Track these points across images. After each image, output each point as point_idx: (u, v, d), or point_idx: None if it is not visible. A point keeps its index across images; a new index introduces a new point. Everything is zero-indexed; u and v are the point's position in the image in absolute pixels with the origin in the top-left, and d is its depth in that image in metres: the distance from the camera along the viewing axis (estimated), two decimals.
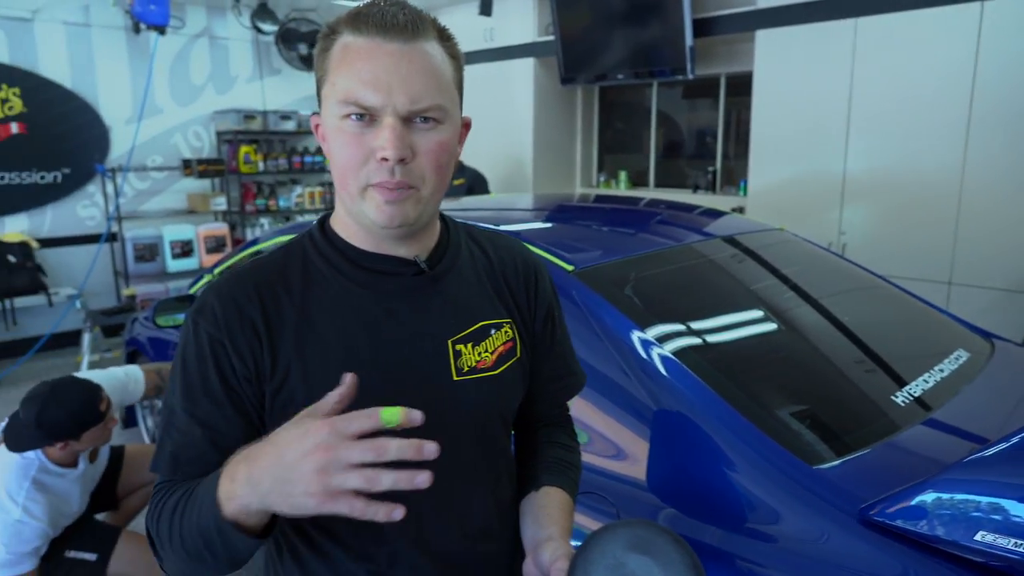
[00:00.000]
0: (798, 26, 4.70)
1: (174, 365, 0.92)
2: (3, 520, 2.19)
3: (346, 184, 0.89)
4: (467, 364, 0.98)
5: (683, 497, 1.49)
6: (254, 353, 0.90)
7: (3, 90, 5.58)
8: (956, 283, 4.27)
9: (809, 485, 1.38)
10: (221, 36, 6.76)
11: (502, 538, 1.06)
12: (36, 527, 2.22)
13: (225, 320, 0.89)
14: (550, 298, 1.13)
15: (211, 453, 0.88)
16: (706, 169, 6.20)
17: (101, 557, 2.48)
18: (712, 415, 1.51)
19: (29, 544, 2.22)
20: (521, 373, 1.07)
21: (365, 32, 0.86)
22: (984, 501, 1.15)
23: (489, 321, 1.02)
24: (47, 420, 2.20)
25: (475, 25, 6.61)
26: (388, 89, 0.85)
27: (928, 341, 2.14)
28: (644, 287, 1.89)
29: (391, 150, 0.84)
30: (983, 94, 4.04)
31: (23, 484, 2.22)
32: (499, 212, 2.60)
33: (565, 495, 1.06)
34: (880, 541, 1.25)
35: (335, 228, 0.99)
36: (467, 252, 1.06)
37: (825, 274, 2.36)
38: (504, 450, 1.08)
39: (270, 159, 6.77)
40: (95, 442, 2.35)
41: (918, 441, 1.56)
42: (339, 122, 0.87)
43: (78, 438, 2.27)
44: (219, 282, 0.93)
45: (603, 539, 0.81)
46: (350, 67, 0.86)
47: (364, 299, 0.95)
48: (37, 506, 2.23)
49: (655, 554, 0.79)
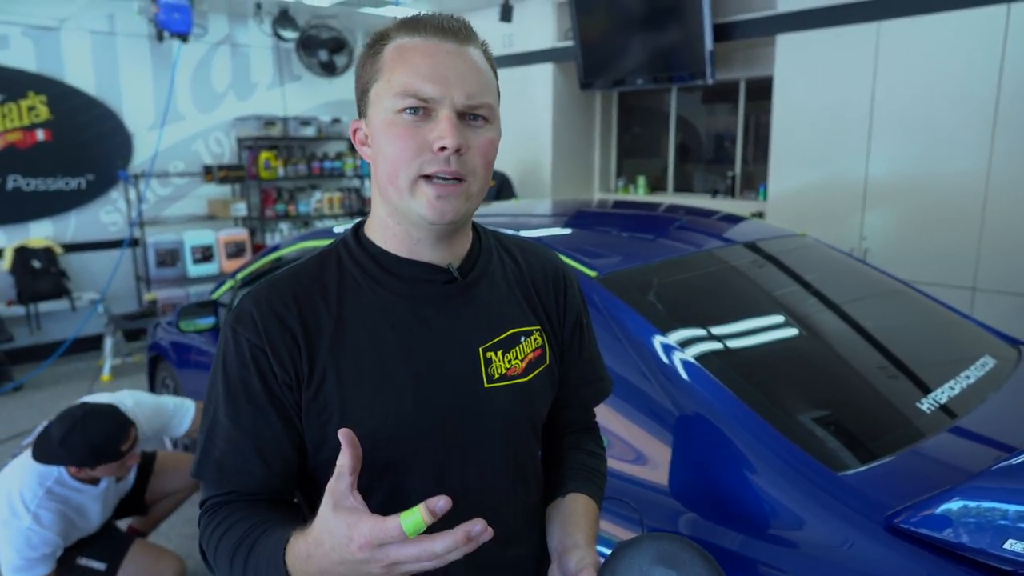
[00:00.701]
0: (819, 30, 4.68)
1: (213, 373, 0.94)
2: (15, 526, 2.24)
3: (395, 178, 0.90)
4: (497, 372, 0.99)
5: (705, 502, 1.49)
6: (294, 360, 0.91)
7: (30, 98, 5.67)
8: (980, 288, 4.22)
9: (833, 491, 1.37)
10: (242, 43, 6.83)
11: (530, 542, 1.07)
12: (44, 535, 2.25)
13: (265, 328, 0.91)
14: (579, 305, 1.14)
15: (256, 462, 0.90)
16: (725, 174, 6.18)
17: (110, 567, 2.51)
18: (734, 420, 1.50)
19: (37, 551, 2.25)
20: (550, 380, 1.08)
21: (423, 33, 0.90)
22: (1012, 509, 1.14)
23: (519, 329, 1.03)
24: (68, 443, 2.26)
25: (495, 31, 6.64)
26: (447, 83, 0.88)
27: (953, 347, 2.12)
28: (667, 293, 1.89)
29: (450, 139, 0.87)
30: (1009, 96, 3.99)
31: (37, 492, 2.27)
32: (522, 218, 2.60)
33: (591, 502, 1.07)
34: (906, 549, 1.24)
35: (369, 235, 1.00)
36: (497, 259, 1.07)
37: (848, 279, 2.34)
38: (533, 456, 1.09)
39: (290, 165, 6.83)
40: (110, 474, 2.39)
41: (943, 449, 1.55)
42: (394, 116, 0.89)
43: (93, 468, 2.32)
44: (256, 291, 0.95)
45: (631, 551, 0.81)
46: (408, 63, 0.89)
47: (397, 306, 0.96)
48: (48, 515, 2.27)
49: (681, 567, 0.79)
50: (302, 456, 0.95)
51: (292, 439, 0.92)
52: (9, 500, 2.26)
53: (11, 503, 2.25)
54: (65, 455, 2.27)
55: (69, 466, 2.31)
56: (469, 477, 0.98)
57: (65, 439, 2.26)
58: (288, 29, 6.80)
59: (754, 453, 1.46)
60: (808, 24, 4.74)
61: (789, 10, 4.83)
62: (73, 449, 2.27)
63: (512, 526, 1.03)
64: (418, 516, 0.69)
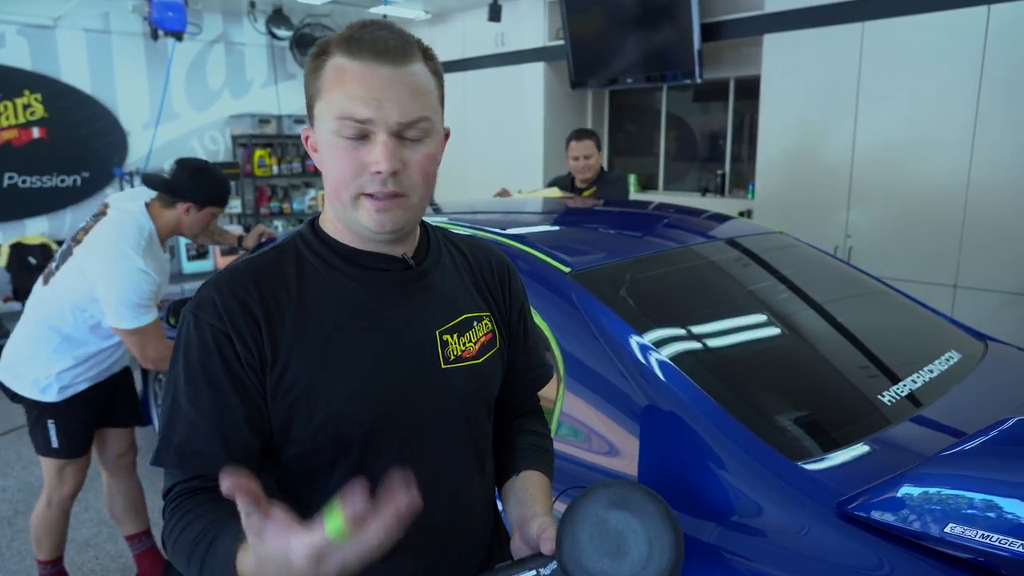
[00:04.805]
0: (805, 30, 4.73)
1: (173, 361, 0.96)
2: (128, 268, 2.25)
3: (339, 195, 0.96)
4: (453, 353, 1.05)
5: (673, 493, 1.54)
6: (256, 342, 0.94)
7: (26, 96, 5.72)
8: (962, 286, 4.28)
9: (791, 480, 1.42)
10: (237, 42, 6.87)
11: (485, 514, 1.15)
12: (153, 279, 2.30)
13: (227, 311, 0.94)
14: (522, 295, 1.22)
15: (216, 445, 0.92)
16: (715, 172, 6.23)
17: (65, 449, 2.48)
18: (700, 413, 1.55)
19: (148, 294, 2.29)
20: (500, 362, 1.15)
21: (359, 56, 0.92)
22: (954, 494, 1.19)
23: (472, 314, 1.10)
24: (198, 181, 2.45)
25: (486, 30, 6.69)
26: (381, 106, 0.91)
27: (920, 342, 2.18)
28: (639, 288, 1.94)
29: (385, 163, 0.91)
30: (989, 97, 4.05)
31: (140, 242, 2.31)
32: (499, 215, 2.65)
33: (544, 477, 1.14)
34: (857, 534, 1.28)
35: (325, 229, 1.05)
36: (447, 252, 1.14)
37: (821, 276, 2.40)
38: (487, 434, 1.16)
39: (284, 163, 6.88)
40: (201, 224, 2.54)
41: (902, 438, 1.60)
42: (334, 138, 0.94)
43: (201, 208, 2.48)
44: (216, 279, 0.98)
45: (586, 501, 0.87)
46: (344, 86, 0.92)
47: (357, 292, 1.01)
48: (150, 263, 2.32)
49: (633, 509, 0.85)
50: (264, 440, 0.97)
51: (253, 422, 0.94)
52: (115, 248, 2.27)
53: (118, 249, 2.27)
54: (195, 190, 2.44)
55: (187, 200, 2.44)
56: (428, 453, 1.03)
57: (196, 176, 2.45)
58: (282, 27, 6.84)
59: (719, 444, 1.50)
60: (794, 24, 4.79)
61: (776, 10, 4.88)
62: (204, 185, 2.45)
63: (470, 500, 1.10)
64: (338, 521, 0.70)
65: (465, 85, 7.17)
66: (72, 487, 2.56)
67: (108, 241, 2.29)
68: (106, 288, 2.25)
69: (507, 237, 2.06)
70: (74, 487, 2.57)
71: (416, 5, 6.85)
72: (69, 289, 2.34)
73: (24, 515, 3.30)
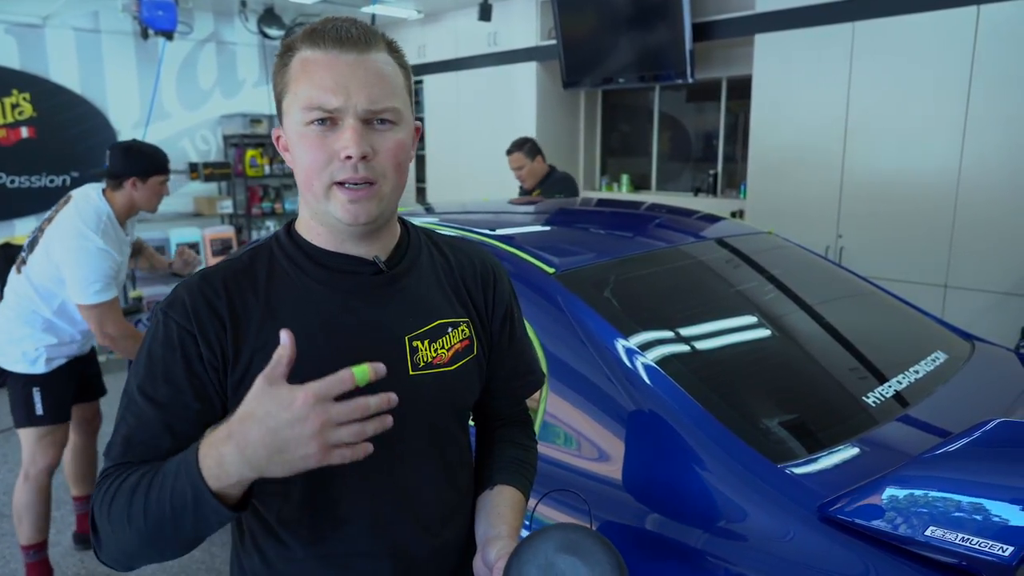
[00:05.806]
0: (796, 30, 4.73)
1: (138, 356, 0.97)
2: (87, 248, 2.47)
3: (311, 185, 0.95)
4: (423, 360, 1.03)
5: (657, 496, 1.53)
6: (220, 342, 0.95)
7: (14, 95, 5.69)
8: (952, 286, 4.28)
9: (773, 483, 1.41)
10: (228, 41, 6.85)
11: (457, 529, 1.11)
12: (112, 256, 2.52)
13: (195, 311, 0.95)
14: (508, 299, 1.18)
15: (164, 436, 0.92)
16: (708, 172, 6.23)
17: (48, 415, 2.68)
18: (684, 416, 1.54)
19: (109, 273, 2.50)
20: (478, 370, 1.12)
21: (323, 46, 0.93)
22: (933, 497, 1.18)
23: (446, 320, 1.07)
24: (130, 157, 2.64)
25: (478, 29, 6.67)
26: (347, 93, 0.92)
27: (906, 343, 2.17)
28: (624, 289, 1.93)
29: (354, 147, 0.91)
30: (979, 97, 4.05)
31: (99, 224, 2.52)
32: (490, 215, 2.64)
33: (518, 494, 1.12)
34: (839, 537, 1.27)
35: (300, 231, 1.05)
36: (427, 254, 1.11)
37: (809, 277, 2.39)
38: (458, 443, 1.13)
39: (276, 163, 6.85)
40: (156, 194, 2.74)
41: (886, 439, 1.59)
42: (303, 128, 0.94)
43: (145, 180, 2.66)
44: (189, 281, 0.99)
45: (536, 541, 0.86)
46: (310, 77, 0.93)
47: (325, 296, 1.00)
48: (109, 240, 2.53)
49: (583, 555, 0.84)
50: None
51: (206, 421, 0.94)
52: (75, 230, 2.49)
53: (78, 231, 2.48)
54: (131, 166, 2.62)
55: (130, 177, 2.62)
56: (393, 462, 1.01)
57: (127, 154, 2.64)
58: (274, 27, 6.82)
59: (702, 448, 1.49)
60: (785, 24, 4.79)
61: (767, 10, 4.88)
62: (137, 159, 2.64)
63: (435, 512, 1.07)
64: (365, 368, 0.79)
65: (457, 85, 7.16)
66: (49, 459, 2.72)
67: (69, 224, 2.52)
68: (68, 267, 2.48)
69: (493, 238, 2.05)
70: (51, 459, 2.73)
71: (408, 4, 6.84)
72: (39, 274, 2.58)
73: (8, 519, 3.27)
